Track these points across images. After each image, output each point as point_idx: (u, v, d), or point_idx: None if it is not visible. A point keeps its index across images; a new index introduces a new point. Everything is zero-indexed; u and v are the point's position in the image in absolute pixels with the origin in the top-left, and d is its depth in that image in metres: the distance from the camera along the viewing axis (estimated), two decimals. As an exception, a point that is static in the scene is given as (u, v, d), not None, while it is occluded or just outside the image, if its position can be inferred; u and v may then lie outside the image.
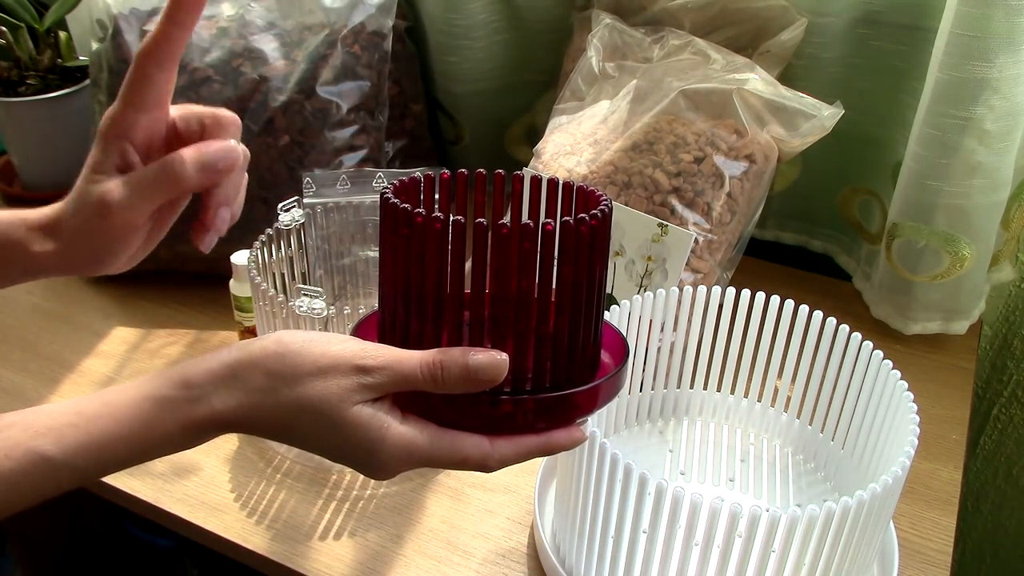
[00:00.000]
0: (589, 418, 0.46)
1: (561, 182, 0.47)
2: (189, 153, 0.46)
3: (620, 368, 0.44)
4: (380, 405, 0.40)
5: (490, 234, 0.39)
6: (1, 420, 0.40)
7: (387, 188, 0.43)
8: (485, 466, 0.41)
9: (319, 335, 0.41)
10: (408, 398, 0.41)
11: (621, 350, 0.46)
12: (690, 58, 0.76)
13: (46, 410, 0.40)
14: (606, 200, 0.43)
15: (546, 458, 0.64)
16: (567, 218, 0.40)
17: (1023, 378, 0.91)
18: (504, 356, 0.40)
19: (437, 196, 0.46)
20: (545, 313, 0.41)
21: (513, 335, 0.41)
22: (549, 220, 0.39)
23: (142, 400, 0.40)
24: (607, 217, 0.42)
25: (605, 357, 0.46)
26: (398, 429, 0.40)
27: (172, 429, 0.40)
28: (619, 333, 0.48)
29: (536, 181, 0.47)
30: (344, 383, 0.39)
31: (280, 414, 0.40)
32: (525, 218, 0.47)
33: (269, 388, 0.40)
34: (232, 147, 0.47)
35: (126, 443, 0.40)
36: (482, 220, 0.39)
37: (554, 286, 0.41)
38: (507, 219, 0.39)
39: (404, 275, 0.41)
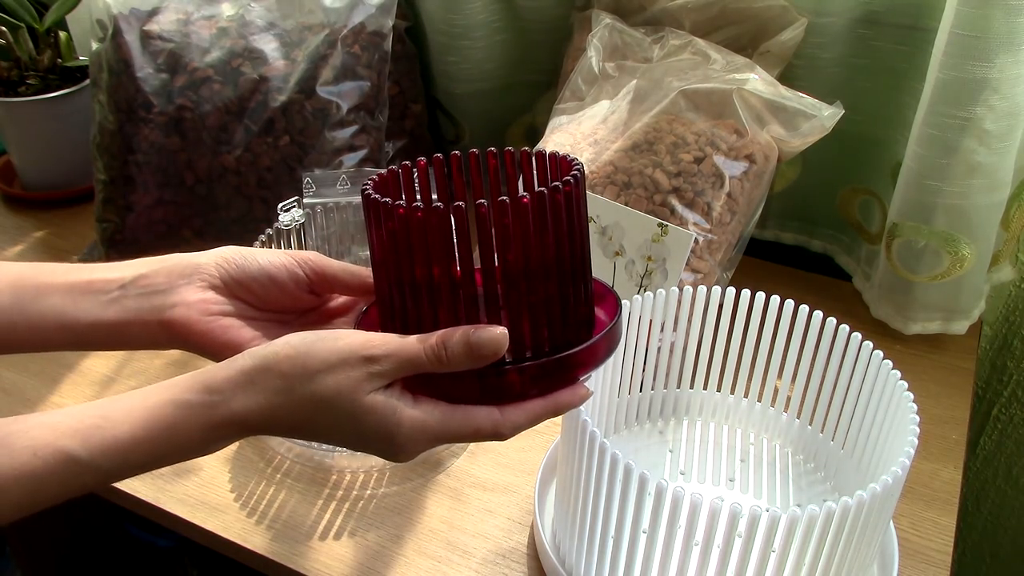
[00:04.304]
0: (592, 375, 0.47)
1: (534, 154, 0.48)
2: None
3: (615, 323, 0.46)
4: (391, 391, 0.42)
5: (471, 215, 0.40)
6: (26, 421, 0.41)
7: (367, 184, 0.44)
8: (499, 434, 0.43)
9: (325, 333, 0.43)
10: (418, 381, 0.43)
11: (613, 305, 0.48)
12: (690, 58, 0.76)
13: (70, 412, 0.42)
14: (578, 165, 0.44)
15: (546, 457, 0.64)
16: (541, 189, 0.41)
17: (1023, 378, 0.91)
18: (503, 330, 0.41)
19: (417, 185, 0.48)
20: (534, 282, 0.42)
21: (507, 308, 0.42)
22: (525, 194, 0.41)
23: (164, 405, 0.42)
24: (580, 181, 0.43)
25: (600, 314, 0.48)
26: (411, 411, 0.42)
27: (194, 432, 0.42)
28: (607, 287, 0.50)
29: (510, 156, 0.48)
30: (354, 375, 0.41)
31: (298, 411, 0.42)
32: (506, 195, 0.49)
33: (285, 388, 0.42)
34: None
35: (149, 445, 0.41)
36: (461, 204, 0.40)
37: (541, 254, 0.42)
38: (485, 200, 0.41)
39: (395, 266, 0.43)
